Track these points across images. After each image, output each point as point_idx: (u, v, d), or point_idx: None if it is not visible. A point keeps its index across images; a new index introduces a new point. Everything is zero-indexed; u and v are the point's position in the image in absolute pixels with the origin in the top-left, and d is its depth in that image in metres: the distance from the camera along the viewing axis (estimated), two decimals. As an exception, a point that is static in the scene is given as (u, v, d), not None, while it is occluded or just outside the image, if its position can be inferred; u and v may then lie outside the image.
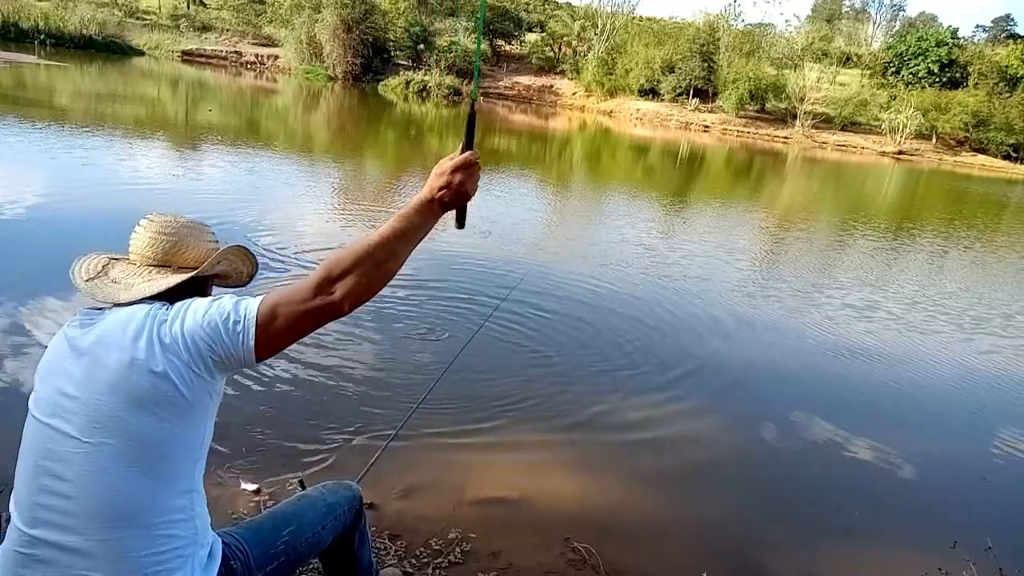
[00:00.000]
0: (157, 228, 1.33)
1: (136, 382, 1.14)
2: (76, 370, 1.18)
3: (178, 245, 1.33)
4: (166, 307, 1.22)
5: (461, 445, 3.16)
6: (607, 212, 11.28)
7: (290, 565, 1.49)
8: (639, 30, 43.31)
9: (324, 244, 6.21)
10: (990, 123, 38.14)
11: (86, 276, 1.32)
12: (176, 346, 1.15)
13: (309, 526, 1.52)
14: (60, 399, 1.17)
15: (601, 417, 3.67)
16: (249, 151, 11.82)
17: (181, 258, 1.33)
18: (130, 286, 1.27)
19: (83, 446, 1.13)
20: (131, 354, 1.15)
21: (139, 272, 1.31)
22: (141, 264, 1.33)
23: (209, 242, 1.38)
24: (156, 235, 1.33)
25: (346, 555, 1.69)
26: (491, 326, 4.30)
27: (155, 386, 1.14)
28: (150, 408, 1.14)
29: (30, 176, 7.39)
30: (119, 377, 1.15)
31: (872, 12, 64.54)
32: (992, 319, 6.82)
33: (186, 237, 1.34)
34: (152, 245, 1.32)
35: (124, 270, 1.32)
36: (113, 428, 1.14)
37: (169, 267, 1.32)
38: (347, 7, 34.70)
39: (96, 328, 1.21)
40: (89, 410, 1.15)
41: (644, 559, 2.56)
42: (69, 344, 1.22)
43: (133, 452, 1.14)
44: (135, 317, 1.20)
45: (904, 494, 3.36)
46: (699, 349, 4.84)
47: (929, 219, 14.95)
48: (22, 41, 29.62)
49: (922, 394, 4.66)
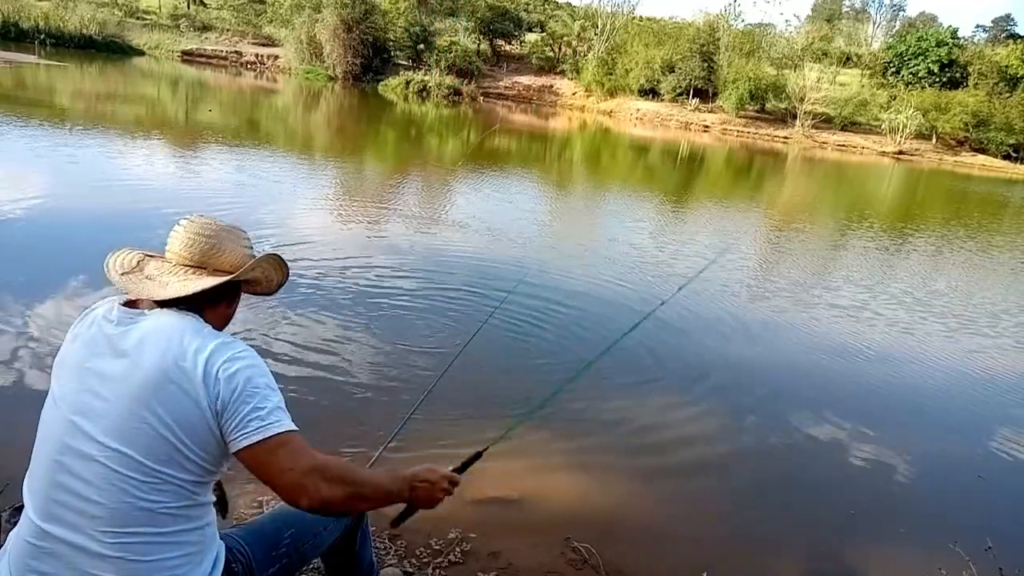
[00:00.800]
0: (196, 229, 1.33)
1: (173, 394, 1.15)
2: (112, 370, 1.18)
3: (216, 248, 1.33)
4: (222, 336, 1.24)
5: (461, 445, 3.15)
6: (606, 212, 11.27)
7: (292, 566, 1.49)
8: (639, 30, 43.28)
9: (324, 245, 6.21)
10: (990, 123, 38.12)
11: (120, 270, 1.31)
12: (215, 401, 1.17)
13: (312, 527, 1.52)
14: (90, 399, 1.17)
15: (601, 417, 3.67)
16: (249, 151, 11.82)
17: (217, 261, 1.33)
18: (165, 284, 1.27)
19: (104, 451, 1.14)
20: (180, 367, 1.16)
21: (174, 271, 1.30)
22: (177, 263, 1.33)
23: (245, 247, 1.39)
24: (195, 236, 1.32)
25: (348, 555, 1.70)
26: (491, 326, 4.29)
27: (187, 409, 1.16)
28: (175, 430, 1.16)
29: (30, 176, 7.40)
30: (156, 390, 1.15)
31: (872, 12, 64.52)
32: (993, 319, 6.82)
33: (224, 241, 1.34)
34: (190, 245, 1.32)
35: (159, 267, 1.32)
36: (136, 440, 1.14)
37: (204, 268, 1.32)
38: (347, 7, 34.68)
39: (137, 330, 1.21)
40: (117, 416, 1.15)
41: (644, 559, 2.56)
42: (107, 341, 1.21)
43: (152, 464, 1.15)
44: (194, 330, 1.21)
45: (904, 494, 3.36)
46: (700, 349, 4.84)
47: (928, 219, 14.95)
48: (22, 41, 29.58)
49: (921, 394, 4.67)
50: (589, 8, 44.62)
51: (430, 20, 39.70)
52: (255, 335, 3.98)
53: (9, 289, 4.17)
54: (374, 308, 4.70)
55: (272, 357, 3.75)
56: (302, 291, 4.81)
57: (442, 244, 6.95)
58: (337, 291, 4.94)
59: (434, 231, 7.56)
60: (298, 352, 3.86)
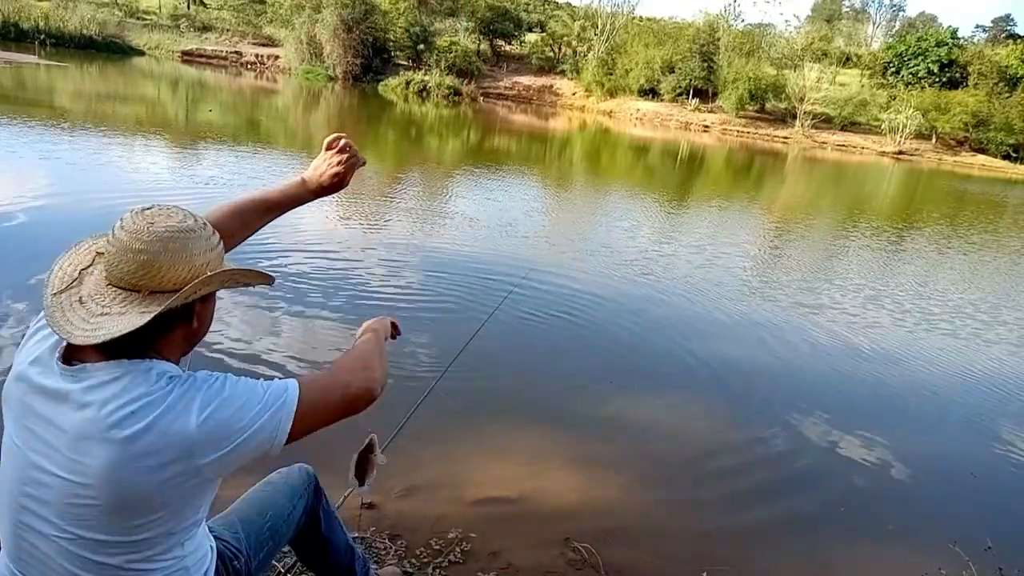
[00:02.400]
0: (126, 242, 1.01)
1: (129, 484, 0.99)
2: (59, 422, 1.00)
3: (148, 266, 1.00)
4: (178, 380, 1.02)
5: (461, 445, 3.16)
6: (606, 212, 11.27)
7: (272, 551, 1.52)
8: (639, 30, 43.31)
9: (322, 245, 6.21)
10: (990, 123, 38.15)
11: (58, 286, 1.04)
12: (191, 461, 1.00)
13: (283, 508, 1.55)
14: (37, 475, 1.02)
15: (601, 417, 3.67)
16: (249, 151, 11.82)
17: (154, 281, 1.01)
18: (91, 317, 1.00)
19: (60, 533, 1.03)
20: (127, 450, 0.97)
21: (105, 295, 1.02)
22: (109, 283, 1.03)
23: (198, 255, 1.04)
24: (123, 252, 1.01)
25: (316, 539, 1.67)
26: (492, 325, 4.29)
27: (148, 491, 1.00)
28: (139, 510, 1.02)
29: (29, 176, 7.40)
30: (111, 476, 0.98)
31: (872, 12, 64.64)
32: (993, 319, 6.82)
33: (160, 256, 1.01)
34: (117, 265, 1.01)
35: (96, 284, 1.04)
36: (93, 524, 1.01)
37: (138, 292, 1.02)
38: (347, 7, 34.71)
39: (87, 382, 1.00)
40: (66, 501, 1.01)
41: (644, 559, 2.56)
42: (49, 383, 1.01)
43: (115, 544, 1.04)
44: (144, 386, 0.99)
45: (904, 494, 3.36)
46: (701, 350, 4.84)
47: (927, 220, 14.95)
48: (22, 41, 29.60)
49: (922, 393, 4.66)
50: (589, 8, 44.72)
51: (430, 20, 39.73)
52: (254, 334, 3.98)
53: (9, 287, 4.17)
54: (374, 308, 4.70)
55: (268, 357, 3.75)
56: (301, 291, 4.81)
57: (442, 244, 6.95)
58: (337, 290, 4.94)
59: (434, 231, 7.56)
60: (297, 352, 3.86)
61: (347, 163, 1.49)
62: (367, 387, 1.18)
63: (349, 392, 1.16)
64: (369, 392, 1.18)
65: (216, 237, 1.10)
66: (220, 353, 3.69)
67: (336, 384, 1.16)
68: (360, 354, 1.29)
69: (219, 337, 3.84)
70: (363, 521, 2.46)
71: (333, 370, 1.21)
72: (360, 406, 1.17)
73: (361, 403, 1.17)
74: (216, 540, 1.33)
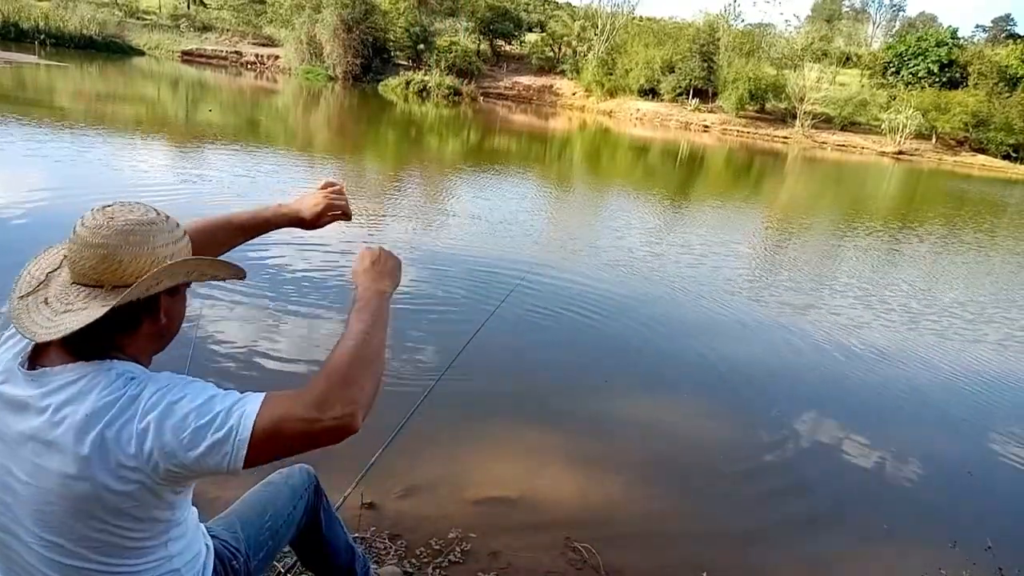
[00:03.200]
0: (85, 237, 1.00)
1: (82, 489, 0.95)
2: (22, 428, 0.98)
3: (107, 260, 0.99)
4: (133, 381, 0.98)
5: (461, 445, 3.16)
6: (606, 212, 11.27)
7: (272, 551, 1.52)
8: (639, 30, 43.31)
9: (322, 244, 6.21)
10: (990, 123, 38.15)
11: (25, 289, 1.04)
12: (140, 468, 0.95)
13: (283, 508, 1.54)
14: (9, 469, 1.00)
15: (601, 417, 3.67)
16: (249, 150, 11.82)
17: (116, 276, 1.00)
18: (55, 316, 0.99)
19: (36, 539, 1.02)
20: (78, 455, 0.94)
21: (69, 293, 1.01)
22: (73, 281, 1.02)
23: (160, 247, 1.02)
24: (81, 248, 1.00)
25: (317, 539, 1.67)
26: (492, 325, 4.29)
27: (105, 498, 0.96)
28: (100, 517, 0.98)
29: (29, 176, 7.40)
30: (64, 481, 0.95)
31: (872, 12, 64.65)
32: (994, 320, 6.82)
33: (119, 250, 0.99)
34: (77, 262, 1.01)
35: (62, 285, 1.03)
36: (61, 529, 0.99)
37: (101, 287, 1.00)
38: (347, 7, 34.71)
39: (47, 387, 0.98)
40: (35, 507, 0.99)
41: (644, 559, 2.56)
42: (14, 390, 1.00)
43: (88, 549, 1.01)
44: (97, 389, 0.96)
45: (904, 494, 3.36)
46: (701, 349, 4.84)
47: (926, 220, 14.95)
48: (22, 41, 29.60)
49: (922, 394, 4.66)
50: (589, 8, 44.70)
51: (430, 20, 39.73)
52: (254, 332, 3.98)
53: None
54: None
55: (266, 357, 3.75)
56: (301, 290, 4.81)
57: (442, 243, 6.95)
58: (338, 289, 4.94)
59: (434, 230, 7.56)
60: (297, 353, 3.86)
61: (335, 203, 1.46)
62: (342, 422, 0.95)
63: (317, 427, 0.95)
64: (345, 428, 0.96)
65: (181, 231, 1.08)
66: (221, 351, 3.69)
67: (304, 409, 0.95)
68: (349, 358, 1.02)
69: (220, 336, 3.84)
70: (363, 521, 2.46)
71: (308, 387, 0.98)
72: (332, 440, 0.97)
73: (333, 437, 0.96)
74: (214, 540, 1.33)
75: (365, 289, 1.18)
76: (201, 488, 2.50)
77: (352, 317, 1.11)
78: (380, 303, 1.15)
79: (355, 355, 1.02)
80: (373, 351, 1.05)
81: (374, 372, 1.03)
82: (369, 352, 1.04)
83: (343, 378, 0.98)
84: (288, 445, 0.97)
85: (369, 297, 1.16)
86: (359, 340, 1.05)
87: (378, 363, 1.06)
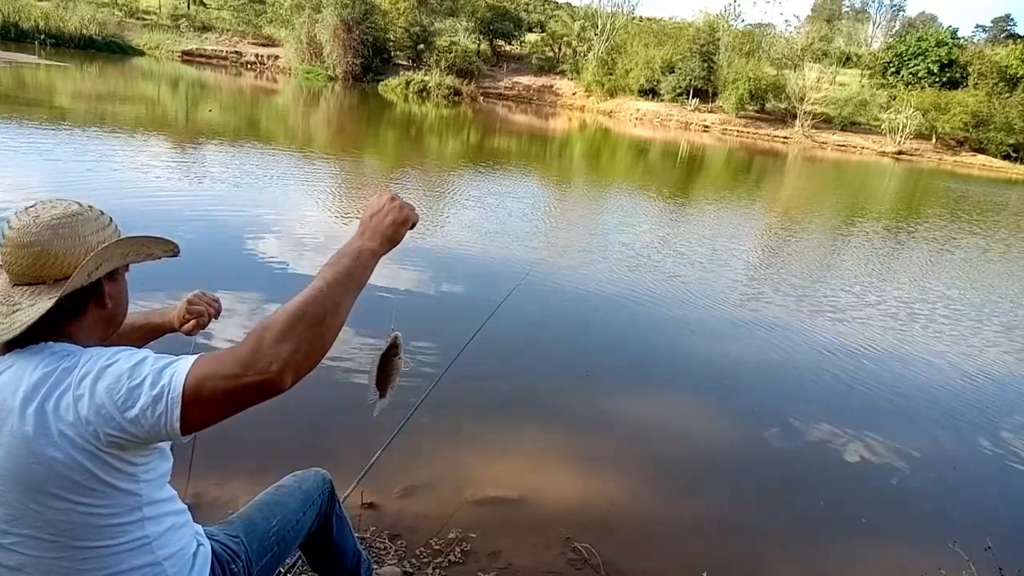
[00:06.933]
0: (15, 239, 1.02)
1: (33, 469, 0.95)
2: None
3: (43, 256, 1.02)
4: (67, 356, 0.99)
5: (461, 445, 3.16)
6: (606, 212, 11.27)
7: (278, 557, 1.50)
8: (639, 30, 43.33)
9: (322, 245, 6.21)
10: (990, 123, 38.16)
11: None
12: (82, 435, 0.94)
13: (292, 514, 1.53)
14: None
15: (601, 417, 3.67)
16: (249, 150, 11.82)
17: (54, 270, 1.03)
18: (5, 318, 1.02)
19: (7, 536, 1.01)
20: (22, 434, 0.94)
21: (15, 293, 1.04)
22: (14, 283, 1.05)
23: (91, 235, 1.05)
24: (14, 250, 1.02)
25: (327, 543, 1.67)
26: (492, 325, 4.30)
27: (57, 472, 0.95)
28: (59, 495, 0.97)
29: (30, 176, 7.40)
30: (15, 463, 0.95)
31: (872, 12, 64.66)
32: (993, 319, 6.82)
33: (51, 244, 1.02)
34: (14, 263, 1.03)
35: (4, 290, 1.06)
36: (27, 519, 0.99)
37: (43, 283, 1.03)
38: (347, 7, 34.73)
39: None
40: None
41: (644, 559, 2.56)
42: None
43: (60, 535, 1.00)
44: (31, 369, 0.98)
45: (904, 494, 3.36)
46: (701, 349, 4.85)
47: (926, 220, 14.95)
48: (22, 41, 29.62)
49: (922, 394, 4.66)
50: (589, 8, 44.72)
51: (430, 20, 39.73)
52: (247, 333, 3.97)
53: None
54: (375, 307, 4.70)
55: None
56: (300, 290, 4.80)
57: (442, 243, 6.94)
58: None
59: (435, 230, 7.56)
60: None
61: (196, 313, 1.51)
62: (266, 378, 0.92)
63: (240, 383, 0.92)
64: (267, 383, 0.93)
65: (107, 217, 1.10)
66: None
67: (231, 365, 0.93)
68: (293, 312, 0.96)
69: (220, 336, 3.84)
70: (363, 521, 2.46)
71: (241, 342, 0.95)
72: (257, 397, 0.94)
73: (257, 394, 0.93)
74: (213, 542, 1.32)
75: (351, 242, 1.11)
76: (201, 488, 2.51)
77: (322, 269, 1.04)
78: (355, 262, 1.06)
79: (301, 311, 0.96)
80: (325, 310, 0.98)
81: (319, 333, 0.97)
82: (319, 310, 0.97)
83: (279, 333, 0.94)
84: (218, 404, 0.94)
85: (348, 251, 1.08)
86: (311, 296, 0.98)
87: (328, 324, 0.98)
